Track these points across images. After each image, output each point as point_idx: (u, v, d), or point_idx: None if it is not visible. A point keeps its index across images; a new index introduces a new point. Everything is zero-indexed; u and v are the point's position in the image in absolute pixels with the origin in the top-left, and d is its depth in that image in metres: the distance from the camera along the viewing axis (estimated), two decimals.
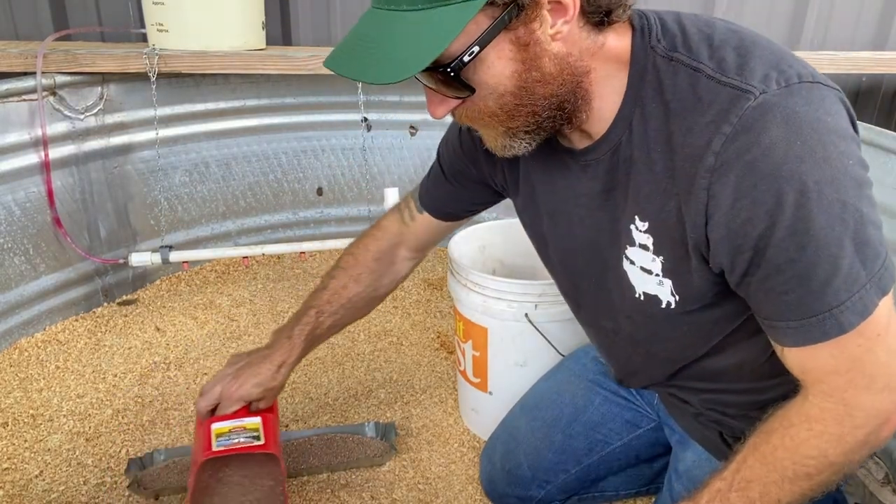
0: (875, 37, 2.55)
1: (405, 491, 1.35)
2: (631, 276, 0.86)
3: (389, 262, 1.19)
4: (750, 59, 0.69)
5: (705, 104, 0.69)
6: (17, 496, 1.31)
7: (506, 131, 0.76)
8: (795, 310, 0.70)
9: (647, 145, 0.76)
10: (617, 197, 0.82)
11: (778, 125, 0.65)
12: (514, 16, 0.66)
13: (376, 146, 2.39)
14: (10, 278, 1.80)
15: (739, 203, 0.68)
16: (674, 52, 0.73)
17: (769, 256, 0.69)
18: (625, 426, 1.19)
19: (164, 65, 1.83)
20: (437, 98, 0.73)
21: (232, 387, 1.08)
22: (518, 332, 1.33)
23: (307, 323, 1.14)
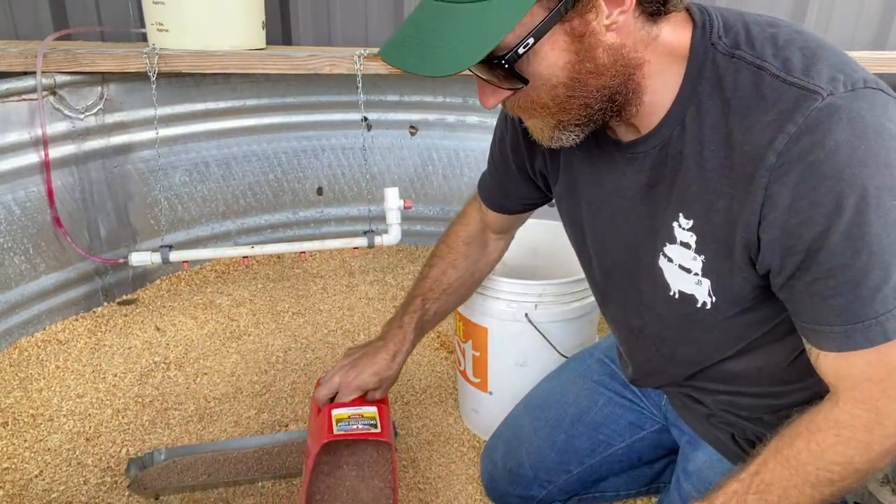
0: (875, 37, 2.55)
1: (405, 491, 1.35)
2: (667, 273, 0.85)
3: (481, 245, 1.22)
4: (817, 60, 0.69)
5: (769, 102, 0.69)
6: (17, 496, 1.31)
7: (556, 124, 0.76)
8: (842, 314, 0.69)
9: (700, 142, 0.75)
10: (660, 193, 0.82)
11: (843, 128, 0.65)
12: (569, 7, 0.66)
13: (376, 146, 2.39)
14: (10, 278, 1.80)
15: (798, 204, 0.67)
16: (736, 49, 0.72)
17: (821, 259, 0.68)
18: (628, 428, 1.19)
19: (164, 64, 1.83)
20: (488, 88, 0.73)
21: (350, 376, 1.11)
22: (518, 332, 1.33)
23: (415, 311, 1.16)
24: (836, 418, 0.73)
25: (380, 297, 2.15)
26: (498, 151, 1.09)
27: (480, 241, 1.21)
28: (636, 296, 0.93)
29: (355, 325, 1.98)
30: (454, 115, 2.33)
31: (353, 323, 1.98)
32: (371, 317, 2.02)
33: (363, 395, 1.12)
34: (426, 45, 0.66)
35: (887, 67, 2.23)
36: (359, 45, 2.46)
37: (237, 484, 1.34)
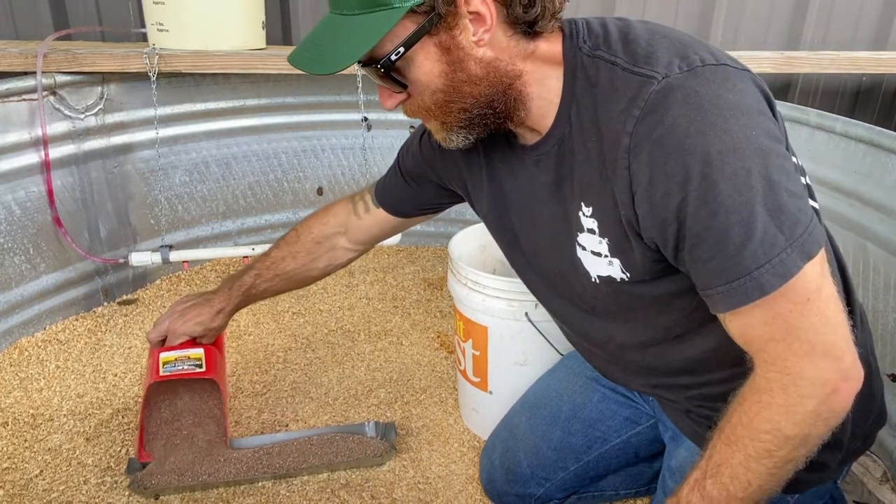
0: (875, 37, 2.55)
1: (405, 491, 1.35)
2: (584, 261, 0.90)
3: (329, 248, 1.27)
4: (657, 49, 0.76)
5: (621, 92, 0.76)
6: (18, 496, 1.32)
7: (442, 125, 0.85)
8: (720, 275, 0.73)
9: (583, 136, 0.82)
10: (565, 187, 0.88)
11: (679, 104, 0.71)
12: (435, 23, 0.76)
13: (376, 146, 2.39)
14: (11, 278, 1.80)
15: (655, 178, 0.74)
16: (596, 49, 0.81)
17: (689, 226, 0.73)
18: (623, 423, 1.19)
19: (164, 64, 1.83)
20: (386, 92, 0.84)
21: (177, 323, 1.27)
22: (518, 331, 1.33)
23: (246, 281, 1.28)
24: (755, 385, 0.75)
25: (380, 297, 2.15)
26: (410, 157, 1.15)
27: (330, 245, 1.26)
28: (571, 289, 0.97)
29: (355, 324, 1.98)
30: None
31: (353, 323, 1.98)
32: (371, 317, 2.02)
33: (192, 341, 1.27)
34: (319, 50, 0.80)
35: (887, 67, 2.23)
36: None
37: (237, 484, 1.34)
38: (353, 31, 0.76)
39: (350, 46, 0.76)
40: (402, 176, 1.17)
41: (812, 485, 0.96)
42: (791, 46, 2.55)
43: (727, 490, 0.76)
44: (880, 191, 1.36)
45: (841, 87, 2.61)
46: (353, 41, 0.76)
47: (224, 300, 1.28)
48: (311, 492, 1.33)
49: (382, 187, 1.21)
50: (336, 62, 0.77)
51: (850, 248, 1.45)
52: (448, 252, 1.42)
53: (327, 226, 1.25)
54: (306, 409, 1.59)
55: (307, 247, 1.26)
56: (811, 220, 0.72)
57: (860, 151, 1.42)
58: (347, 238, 1.26)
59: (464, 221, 2.39)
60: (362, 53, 0.76)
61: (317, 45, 0.80)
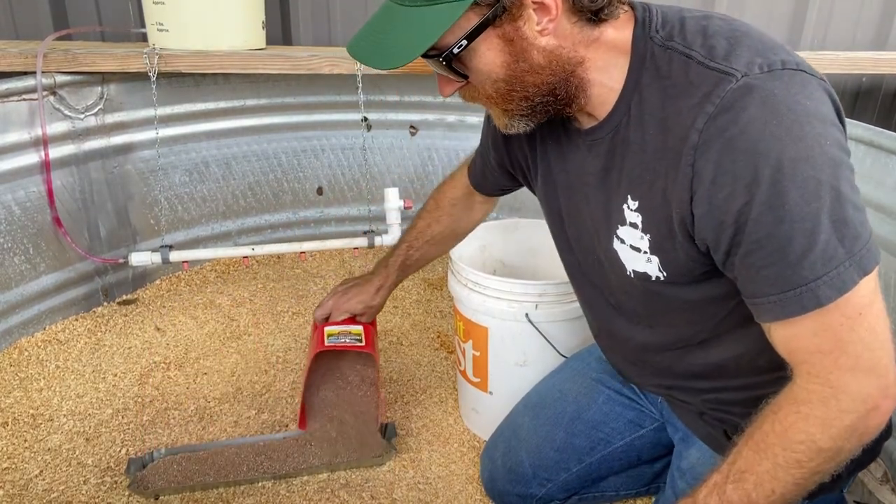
0: (875, 37, 2.55)
1: (405, 491, 1.35)
2: (621, 254, 0.89)
3: (466, 208, 1.32)
4: (738, 46, 0.74)
5: (695, 87, 0.74)
6: (18, 496, 1.31)
7: (504, 112, 0.84)
8: (774, 284, 0.72)
9: (642, 127, 0.81)
10: (613, 177, 0.87)
11: (756, 105, 0.70)
12: (499, 14, 0.74)
13: (376, 146, 2.39)
14: (11, 278, 1.80)
15: (720, 179, 0.72)
16: (670, 40, 0.78)
17: (749, 231, 0.72)
18: (627, 426, 1.19)
19: (164, 64, 1.83)
20: (443, 80, 0.83)
21: (341, 301, 1.36)
22: (518, 331, 1.33)
23: (399, 255, 1.34)
24: (794, 395, 0.74)
25: None
26: (485, 143, 1.18)
27: (466, 203, 1.31)
28: (604, 280, 0.97)
29: None
30: (454, 115, 2.33)
31: None
32: None
33: (353, 318, 1.36)
34: (379, 42, 0.78)
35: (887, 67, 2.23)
36: None
37: (237, 484, 1.34)
38: (416, 23, 0.74)
39: (413, 39, 0.74)
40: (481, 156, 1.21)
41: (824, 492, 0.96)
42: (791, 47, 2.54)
43: (749, 497, 0.75)
44: (880, 191, 1.36)
45: (841, 88, 2.61)
46: (417, 34, 0.74)
47: (382, 278, 1.35)
48: (311, 492, 1.33)
49: (472, 167, 1.26)
50: (400, 56, 0.74)
51: None
52: (448, 252, 1.42)
53: (457, 189, 1.31)
54: None
55: (447, 210, 1.31)
56: (870, 236, 0.71)
57: (860, 152, 1.42)
58: (477, 196, 1.30)
59: None
60: (426, 47, 0.74)
61: (377, 36, 0.78)
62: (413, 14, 0.75)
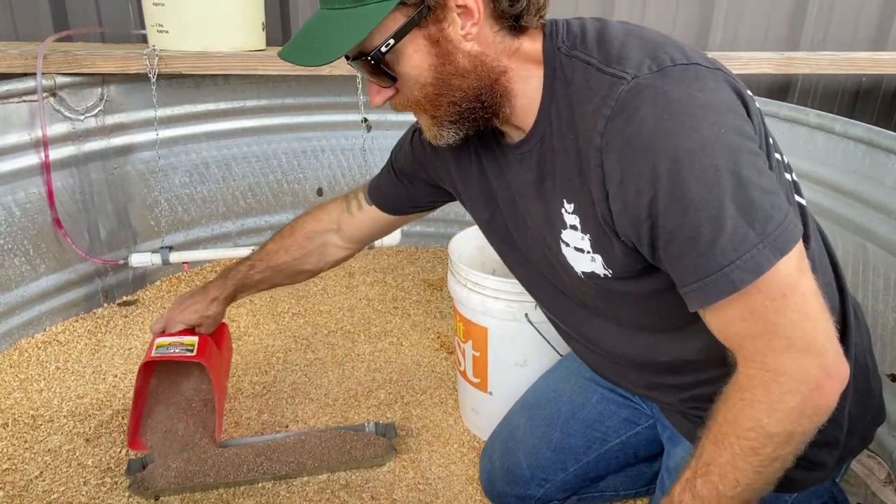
0: (875, 37, 2.55)
1: (405, 491, 1.35)
2: (568, 257, 0.91)
3: (320, 245, 1.30)
4: (629, 49, 0.78)
5: (594, 92, 0.78)
6: (18, 497, 1.31)
7: (433, 120, 0.86)
8: (692, 272, 0.73)
9: (561, 134, 0.84)
10: (548, 185, 0.89)
11: (648, 104, 0.73)
12: (424, 15, 0.78)
13: (376, 147, 2.39)
14: (11, 279, 1.81)
15: (626, 178, 0.75)
16: (573, 49, 0.82)
17: (661, 224, 0.74)
18: (623, 424, 1.19)
19: (164, 66, 1.83)
20: (374, 87, 0.85)
21: (175, 312, 1.33)
22: (518, 332, 1.33)
23: (240, 271, 1.32)
24: (738, 383, 0.75)
25: (380, 297, 2.15)
26: (402, 156, 1.17)
27: (322, 241, 1.29)
28: (562, 283, 0.99)
29: (355, 325, 1.98)
30: None
31: (353, 323, 1.98)
32: (371, 317, 2.02)
33: (191, 329, 1.33)
34: (310, 43, 0.80)
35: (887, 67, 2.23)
36: None
37: (237, 484, 1.34)
38: (344, 23, 0.78)
39: (340, 38, 0.77)
40: (395, 174, 1.19)
41: (809, 484, 0.96)
42: (791, 47, 2.55)
43: (717, 489, 0.76)
44: (880, 191, 1.36)
45: (840, 88, 2.61)
46: (344, 33, 0.77)
47: (219, 289, 1.33)
48: (311, 492, 1.33)
49: (375, 185, 1.23)
50: (326, 53, 0.77)
51: (850, 248, 1.44)
52: (448, 253, 1.42)
53: (321, 222, 1.28)
54: (306, 409, 1.59)
55: (299, 241, 1.29)
56: (785, 216, 0.71)
57: (860, 152, 1.42)
58: (339, 236, 1.28)
59: (463, 222, 2.39)
60: (353, 44, 0.77)
61: (308, 38, 0.81)
62: (342, 16, 0.78)
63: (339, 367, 1.77)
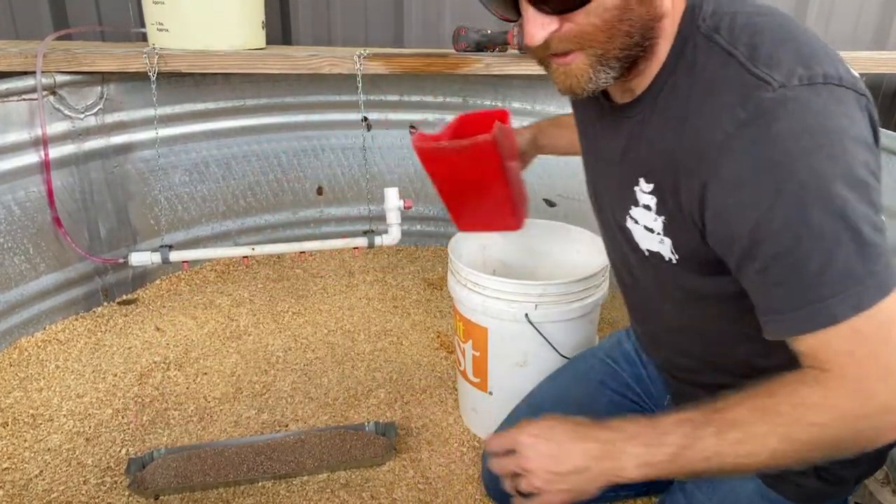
0: (875, 37, 2.55)
1: (405, 491, 1.35)
2: (635, 233, 0.89)
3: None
4: (782, 51, 0.71)
5: (728, 87, 0.72)
6: (17, 496, 1.31)
7: (596, 58, 0.76)
8: (789, 300, 0.70)
9: (666, 113, 0.79)
10: (630, 157, 0.86)
11: (789, 118, 0.67)
12: None
13: (376, 146, 2.39)
14: (11, 278, 1.80)
15: (741, 187, 0.70)
16: (715, 33, 0.75)
17: (766, 246, 0.70)
18: None
19: (164, 64, 1.83)
20: (540, 20, 0.74)
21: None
22: (518, 332, 1.33)
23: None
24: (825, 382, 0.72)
25: (380, 297, 2.15)
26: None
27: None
28: (623, 252, 0.97)
29: (355, 325, 1.98)
30: (454, 115, 2.31)
31: (353, 323, 1.98)
32: (371, 317, 2.02)
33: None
34: None
35: (887, 67, 2.23)
36: (359, 45, 2.46)
37: (237, 484, 1.34)
38: None
39: None
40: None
41: (826, 498, 0.96)
42: None
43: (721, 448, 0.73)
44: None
45: None
46: None
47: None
48: (311, 492, 1.33)
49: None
50: None
51: None
52: (448, 252, 1.42)
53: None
54: (306, 409, 1.59)
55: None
56: (889, 257, 0.69)
57: None
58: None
59: None
60: None
61: None
62: None
63: (338, 367, 1.77)
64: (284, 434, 1.46)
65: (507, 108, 1.30)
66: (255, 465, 1.36)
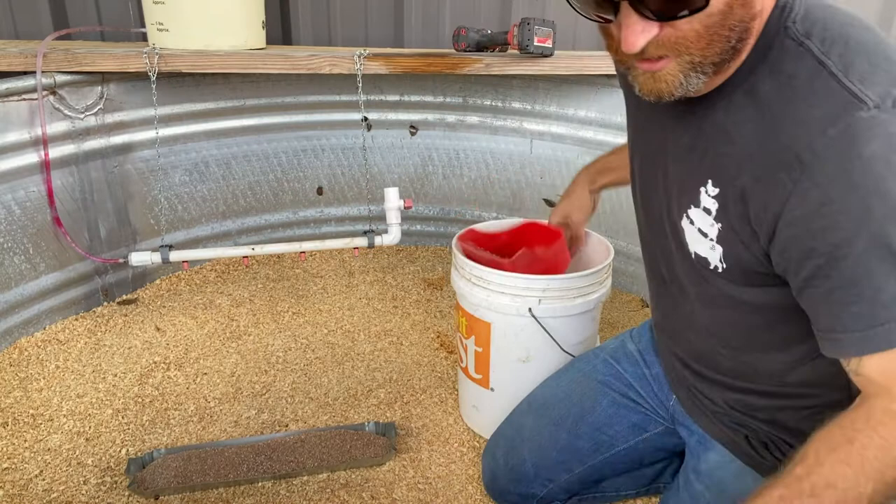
0: None
1: (405, 491, 1.35)
2: (687, 233, 0.87)
3: None
4: (877, 70, 0.69)
5: (819, 100, 0.69)
6: (17, 496, 1.31)
7: (695, 63, 0.72)
8: (859, 320, 0.69)
9: (742, 118, 0.76)
10: (696, 156, 0.83)
11: (881, 141, 0.66)
12: None
13: (376, 146, 2.39)
14: (10, 278, 1.80)
15: (826, 208, 0.68)
16: (807, 38, 0.72)
17: (844, 267, 0.68)
18: (631, 429, 1.18)
19: (164, 64, 1.83)
20: (640, 26, 0.69)
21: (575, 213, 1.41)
22: (521, 327, 1.32)
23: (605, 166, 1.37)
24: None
25: (380, 297, 2.14)
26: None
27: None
28: (666, 248, 0.95)
29: (355, 325, 1.97)
30: (454, 115, 2.33)
31: (352, 323, 1.98)
32: (371, 317, 2.02)
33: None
34: None
35: None
36: (359, 45, 2.46)
37: (237, 484, 1.34)
38: None
39: None
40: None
41: None
42: None
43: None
44: None
45: None
46: None
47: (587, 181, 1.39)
48: (311, 492, 1.33)
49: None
50: None
51: None
52: (451, 247, 1.42)
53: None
54: (306, 409, 1.59)
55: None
56: None
57: None
58: None
59: (464, 221, 2.39)
60: None
61: None
62: None
63: (338, 367, 1.77)
64: (284, 434, 1.46)
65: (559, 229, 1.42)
66: (255, 465, 1.36)
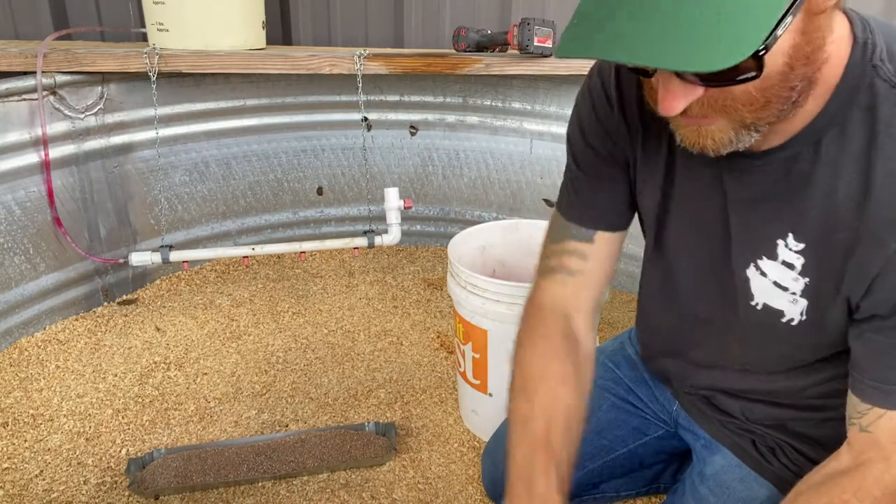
0: None
1: (405, 491, 1.35)
2: (754, 284, 0.81)
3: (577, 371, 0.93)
4: None
5: None
6: (18, 496, 1.32)
7: (748, 124, 0.62)
8: None
9: (835, 169, 0.68)
10: (769, 208, 0.76)
11: None
12: None
13: (376, 146, 2.39)
14: (10, 278, 1.80)
15: None
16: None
17: None
18: (631, 433, 1.18)
19: (164, 64, 1.83)
20: (681, 89, 0.58)
21: None
22: None
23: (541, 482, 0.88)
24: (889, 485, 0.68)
25: (380, 297, 2.15)
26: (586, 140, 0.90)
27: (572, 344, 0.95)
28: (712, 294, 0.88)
29: (355, 325, 1.98)
30: (454, 115, 2.33)
31: (352, 323, 1.99)
32: (371, 317, 2.02)
33: None
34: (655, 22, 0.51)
35: None
36: (359, 45, 2.46)
37: (237, 484, 1.34)
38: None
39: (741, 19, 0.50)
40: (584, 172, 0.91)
41: None
42: None
43: None
44: None
45: None
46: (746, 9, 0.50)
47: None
48: (311, 492, 1.33)
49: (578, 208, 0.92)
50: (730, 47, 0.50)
51: None
52: (447, 253, 1.42)
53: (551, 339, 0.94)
54: (306, 409, 1.60)
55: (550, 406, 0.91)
56: None
57: None
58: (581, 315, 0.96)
59: (464, 221, 2.39)
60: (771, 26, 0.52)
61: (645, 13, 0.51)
62: None
63: (338, 367, 1.77)
64: (284, 434, 1.46)
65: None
66: (255, 465, 1.36)
